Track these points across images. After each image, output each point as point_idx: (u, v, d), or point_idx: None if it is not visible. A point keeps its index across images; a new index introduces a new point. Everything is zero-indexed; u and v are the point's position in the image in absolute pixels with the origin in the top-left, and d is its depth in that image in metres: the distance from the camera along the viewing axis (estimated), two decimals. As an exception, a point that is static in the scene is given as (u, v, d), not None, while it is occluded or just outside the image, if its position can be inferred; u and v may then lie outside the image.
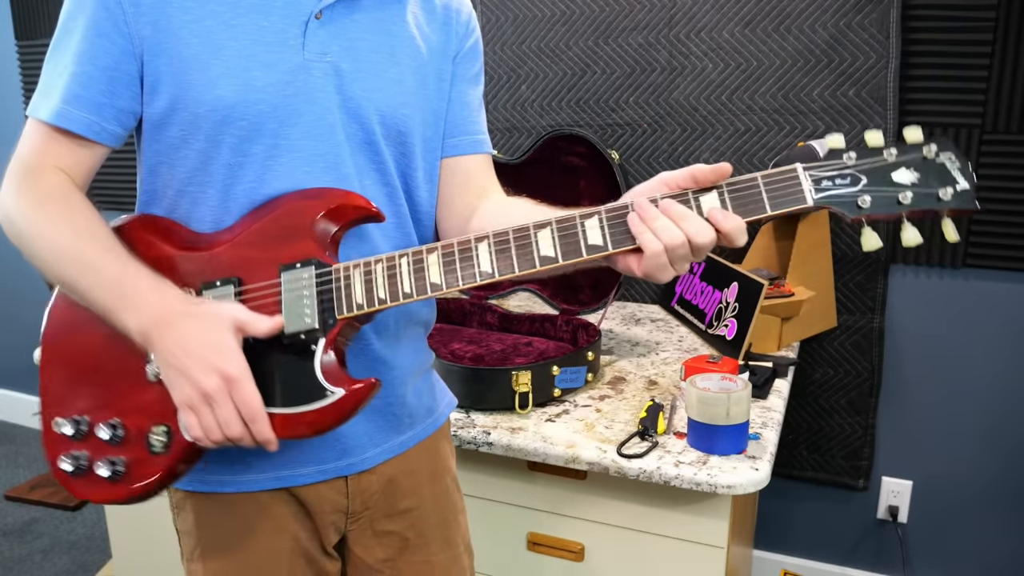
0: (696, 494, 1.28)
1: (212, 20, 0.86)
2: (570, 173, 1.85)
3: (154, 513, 1.83)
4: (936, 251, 1.87)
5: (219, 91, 0.86)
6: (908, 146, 0.80)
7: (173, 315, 0.82)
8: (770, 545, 2.20)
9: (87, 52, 0.86)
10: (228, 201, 0.90)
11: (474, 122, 1.06)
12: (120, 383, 0.89)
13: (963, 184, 0.79)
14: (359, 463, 1.00)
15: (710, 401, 1.24)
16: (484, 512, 1.45)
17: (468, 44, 1.05)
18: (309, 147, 0.90)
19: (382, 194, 0.96)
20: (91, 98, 0.87)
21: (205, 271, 0.89)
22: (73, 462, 0.89)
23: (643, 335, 1.86)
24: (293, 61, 0.88)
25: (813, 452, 2.08)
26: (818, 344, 2.00)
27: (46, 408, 0.92)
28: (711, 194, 0.81)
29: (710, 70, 1.96)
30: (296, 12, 0.89)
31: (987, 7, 1.72)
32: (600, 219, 0.84)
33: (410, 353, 1.04)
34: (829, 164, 0.81)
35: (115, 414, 0.89)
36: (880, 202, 0.81)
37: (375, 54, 0.93)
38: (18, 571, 2.35)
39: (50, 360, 0.93)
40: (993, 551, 1.98)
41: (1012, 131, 1.76)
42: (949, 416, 1.95)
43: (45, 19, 2.84)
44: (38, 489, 2.78)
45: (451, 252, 0.86)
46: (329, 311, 0.86)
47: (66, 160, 0.89)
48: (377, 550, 1.05)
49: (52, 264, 0.87)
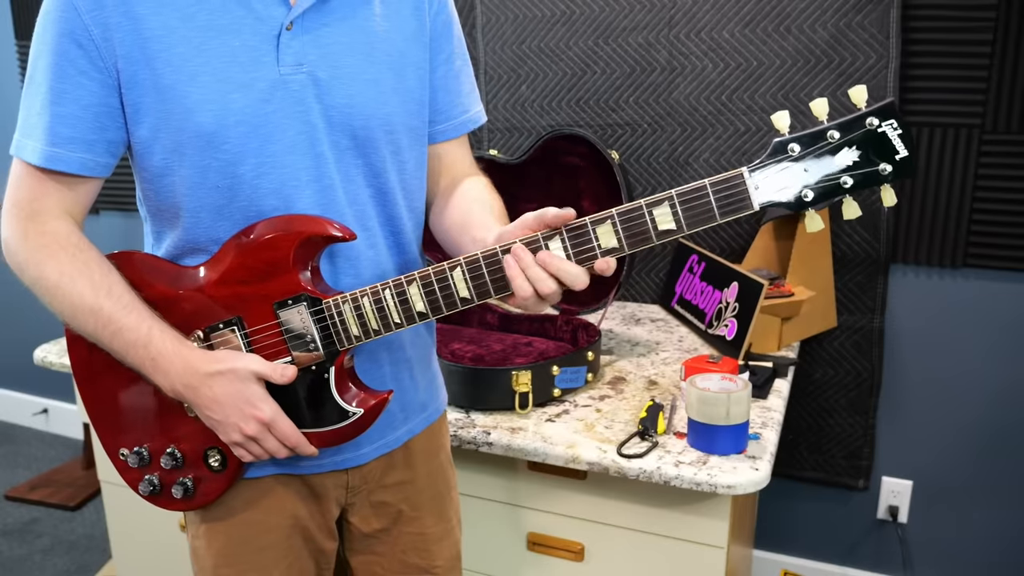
0: (696, 494, 1.28)
1: (184, 46, 0.85)
2: (570, 173, 1.85)
3: (154, 513, 1.82)
4: (936, 251, 1.87)
5: (198, 118, 0.86)
6: (849, 121, 0.81)
7: (200, 377, 0.90)
8: (770, 545, 2.20)
9: (68, 92, 0.86)
10: (223, 220, 0.92)
11: (454, 105, 1.07)
12: (166, 416, 0.98)
13: (903, 152, 0.80)
14: (354, 459, 1.05)
15: (710, 401, 1.24)
16: (484, 512, 1.45)
17: (440, 23, 1.03)
18: (293, 162, 0.91)
19: (368, 197, 0.98)
20: (81, 137, 0.88)
21: (205, 313, 0.94)
22: (148, 486, 1.01)
23: (643, 335, 1.86)
24: (269, 78, 0.88)
25: (813, 452, 2.08)
26: (818, 344, 2.00)
27: (105, 440, 1.02)
28: (555, 239, 0.86)
29: (710, 70, 1.96)
30: (266, 27, 0.88)
31: (987, 7, 1.72)
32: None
33: (410, 343, 1.07)
34: (773, 162, 0.82)
35: (170, 443, 0.99)
36: (822, 193, 0.82)
37: (351, 57, 0.93)
38: (18, 571, 2.35)
39: (91, 396, 1.01)
40: (993, 551, 1.98)
41: (1012, 131, 1.76)
42: (949, 416, 1.95)
43: (45, 19, 2.84)
44: (38, 489, 2.78)
45: (429, 280, 0.90)
46: (331, 343, 0.94)
47: (66, 200, 0.91)
48: (373, 520, 1.10)
49: (70, 317, 0.91)
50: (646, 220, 0.84)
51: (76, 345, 0.99)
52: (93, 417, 1.02)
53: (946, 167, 1.82)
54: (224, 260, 0.93)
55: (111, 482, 1.86)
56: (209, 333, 0.94)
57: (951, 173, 1.82)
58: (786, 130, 0.82)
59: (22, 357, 3.21)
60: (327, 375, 0.94)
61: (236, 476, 0.99)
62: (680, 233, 0.85)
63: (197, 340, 0.94)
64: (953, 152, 1.81)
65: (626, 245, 0.85)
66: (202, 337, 0.94)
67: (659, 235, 0.85)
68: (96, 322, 0.89)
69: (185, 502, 1.01)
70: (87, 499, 2.73)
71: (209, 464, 0.98)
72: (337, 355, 0.94)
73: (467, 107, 1.09)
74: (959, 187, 1.82)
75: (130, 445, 1.00)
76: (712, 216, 0.83)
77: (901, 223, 1.88)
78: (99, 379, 0.99)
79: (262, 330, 0.94)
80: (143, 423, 0.99)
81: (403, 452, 1.10)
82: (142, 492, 1.02)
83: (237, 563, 1.03)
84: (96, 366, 0.98)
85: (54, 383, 3.24)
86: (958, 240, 1.84)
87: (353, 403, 0.96)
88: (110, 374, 0.98)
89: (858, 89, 0.80)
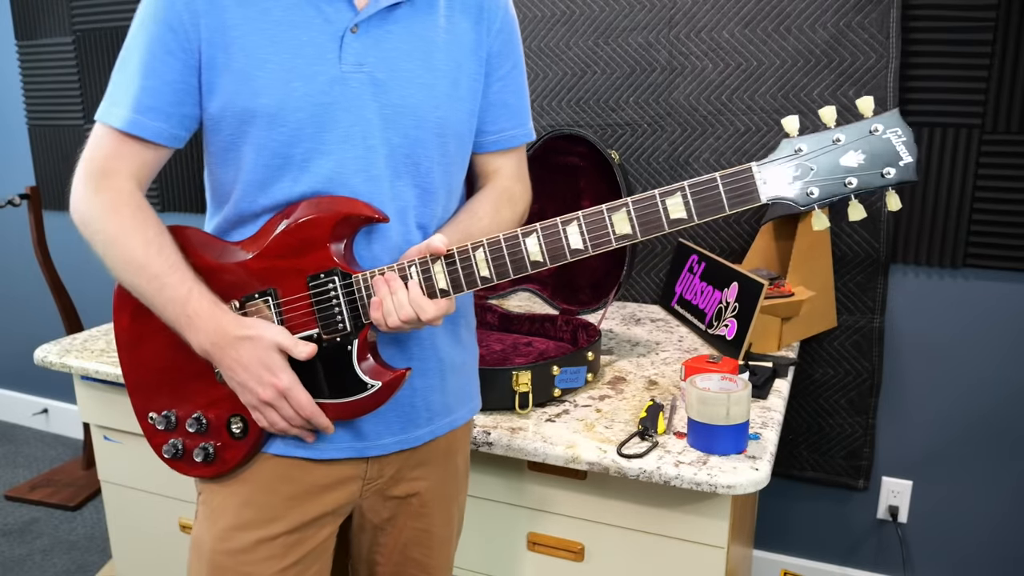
0: (696, 494, 1.28)
1: (258, 36, 0.95)
2: (570, 173, 1.85)
3: (154, 513, 1.83)
4: (936, 251, 1.87)
5: (262, 100, 0.95)
6: (857, 125, 0.86)
7: (229, 339, 0.96)
8: (770, 545, 2.20)
9: (156, 68, 0.97)
10: (271, 197, 1.00)
11: (506, 119, 1.14)
12: (195, 383, 1.05)
13: (907, 159, 0.85)
14: (375, 448, 1.08)
15: (710, 401, 1.24)
16: (484, 512, 1.45)
17: (500, 42, 1.10)
18: (344, 151, 0.99)
19: (413, 196, 1.04)
20: (161, 108, 0.98)
21: (242, 284, 1.01)
22: (172, 449, 1.07)
23: (643, 335, 1.86)
24: (330, 73, 0.97)
25: (813, 452, 2.08)
26: (818, 344, 2.00)
27: (137, 403, 1.09)
28: (573, 224, 0.94)
29: (710, 70, 1.96)
30: (332, 28, 0.97)
31: (987, 7, 1.72)
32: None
33: (448, 345, 1.12)
34: (782, 159, 0.87)
35: (197, 408, 1.06)
36: (828, 190, 0.87)
37: (409, 62, 1.01)
38: (18, 571, 2.35)
39: (129, 361, 1.09)
40: (993, 551, 1.98)
41: (1012, 131, 1.76)
42: (949, 416, 1.95)
43: (45, 19, 2.84)
44: (38, 489, 2.78)
45: (453, 261, 0.97)
46: (357, 316, 0.99)
47: (136, 162, 1.00)
48: (383, 511, 1.15)
49: (121, 269, 0.99)
50: (659, 209, 0.90)
51: (121, 313, 1.07)
52: (129, 381, 1.09)
53: (946, 167, 1.82)
54: (265, 237, 1.00)
55: (111, 482, 1.86)
56: (244, 303, 1.01)
57: (951, 173, 1.82)
58: (795, 133, 0.88)
59: (22, 357, 3.22)
60: (350, 347, 1.00)
61: (256, 445, 1.04)
62: (690, 222, 0.90)
63: (232, 308, 1.00)
64: (953, 152, 1.81)
65: (639, 232, 0.91)
66: (237, 306, 1.01)
67: (671, 223, 0.90)
68: (143, 276, 0.97)
69: (204, 466, 1.06)
70: (87, 499, 2.73)
71: (231, 431, 1.04)
72: (362, 328, 1.00)
73: (518, 123, 1.16)
74: (959, 187, 1.82)
75: (159, 409, 1.08)
76: (721, 207, 0.88)
77: (901, 223, 1.88)
78: (139, 346, 1.07)
79: (293, 301, 1.00)
80: (174, 389, 1.06)
81: (423, 452, 1.13)
82: (165, 455, 1.08)
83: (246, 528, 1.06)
84: (137, 333, 1.06)
85: (54, 383, 3.24)
86: (958, 240, 1.84)
87: (372, 376, 1.00)
88: (149, 341, 1.06)
89: (865, 100, 0.86)
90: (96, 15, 2.73)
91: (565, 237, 0.94)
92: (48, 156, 2.99)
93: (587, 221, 0.93)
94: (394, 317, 0.96)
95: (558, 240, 0.95)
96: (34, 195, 2.66)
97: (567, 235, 0.94)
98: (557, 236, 0.94)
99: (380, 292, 0.97)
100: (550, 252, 0.95)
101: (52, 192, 3.00)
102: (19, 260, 3.13)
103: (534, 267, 0.96)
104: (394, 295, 0.96)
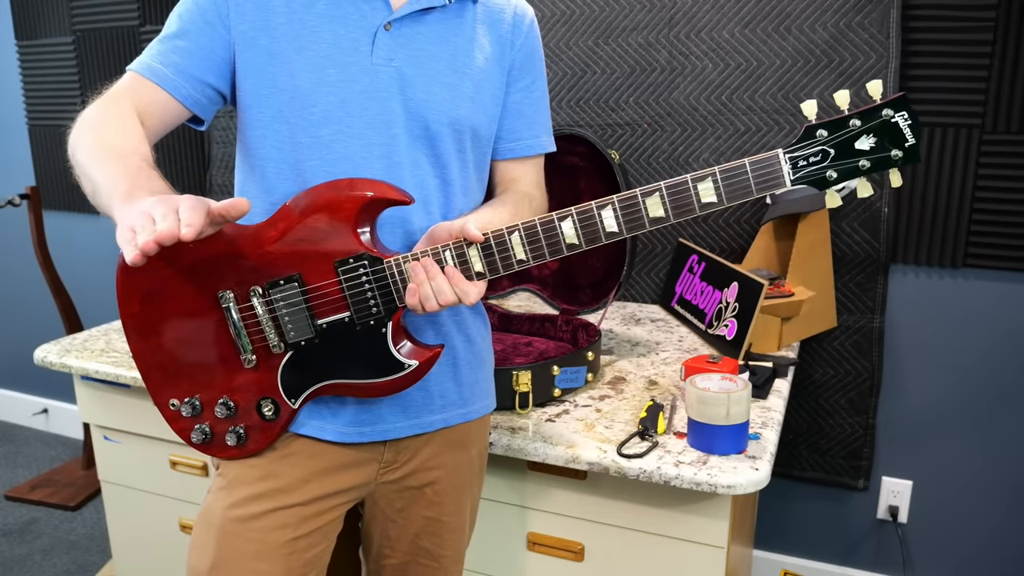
0: (696, 494, 1.28)
1: (299, 25, 1.03)
2: (570, 173, 1.85)
3: (154, 513, 1.83)
4: (936, 251, 1.87)
5: (298, 81, 1.02)
6: (869, 110, 0.93)
7: (146, 197, 0.84)
8: (770, 545, 2.20)
9: (190, 32, 1.04)
10: (298, 175, 1.04)
11: (524, 128, 1.19)
12: (220, 367, 1.05)
13: (912, 140, 0.93)
14: (393, 430, 1.12)
15: (710, 401, 1.24)
16: (484, 512, 1.45)
17: (523, 55, 1.16)
18: (369, 136, 1.04)
19: (435, 187, 1.09)
20: (183, 64, 1.03)
21: (266, 269, 1.01)
22: (200, 434, 1.08)
23: (643, 335, 1.86)
24: (361, 64, 1.04)
25: (813, 452, 2.08)
26: (818, 344, 2.00)
27: (155, 391, 1.08)
28: (608, 208, 0.98)
29: (710, 70, 1.96)
30: (368, 23, 1.05)
31: (987, 7, 1.72)
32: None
33: (458, 335, 1.16)
34: (805, 144, 0.94)
35: (223, 393, 1.06)
36: (844, 174, 0.94)
37: (436, 62, 1.07)
38: (18, 571, 2.35)
39: (141, 349, 1.07)
40: (993, 551, 1.98)
41: (1012, 131, 1.76)
42: (949, 416, 1.95)
43: (45, 19, 2.84)
44: (38, 489, 2.78)
45: (488, 245, 1.00)
46: (389, 299, 1.01)
47: (143, 100, 1.03)
48: (397, 501, 1.18)
49: (95, 154, 0.95)
50: (691, 193, 0.95)
51: (129, 300, 1.05)
52: (143, 369, 1.08)
53: (946, 167, 1.82)
54: (287, 219, 1.01)
55: (111, 482, 1.86)
56: (268, 289, 1.01)
57: (951, 173, 1.82)
58: (813, 117, 0.93)
59: (22, 357, 3.22)
60: (384, 330, 1.02)
61: (287, 425, 1.07)
62: (720, 205, 0.95)
63: (257, 295, 1.01)
64: (953, 152, 1.81)
65: (672, 215, 0.96)
66: (262, 292, 1.01)
67: (702, 207, 0.96)
68: (100, 158, 0.93)
69: (238, 449, 1.07)
70: (87, 499, 2.73)
71: (263, 413, 1.06)
72: (395, 311, 1.02)
73: (536, 133, 1.20)
74: (959, 187, 1.82)
75: (181, 396, 1.07)
76: (749, 191, 0.94)
77: (901, 223, 1.88)
78: (151, 332, 1.06)
79: (322, 287, 1.01)
80: (196, 374, 1.06)
81: (438, 440, 1.17)
82: (194, 441, 1.08)
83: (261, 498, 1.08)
84: (149, 319, 1.05)
85: (54, 383, 3.24)
86: (958, 240, 1.84)
87: (408, 356, 1.04)
88: (162, 327, 1.05)
89: (875, 83, 0.91)
90: (96, 15, 2.72)
91: (600, 220, 0.98)
92: (48, 156, 2.99)
93: (621, 205, 0.97)
94: (433, 302, 0.98)
95: (593, 223, 0.98)
96: (34, 195, 2.66)
97: (602, 218, 0.98)
98: (592, 219, 0.98)
99: (418, 278, 0.99)
100: (586, 235, 0.99)
101: (52, 192, 3.00)
102: (19, 260, 3.13)
103: (570, 249, 1.00)
104: (432, 280, 0.98)
